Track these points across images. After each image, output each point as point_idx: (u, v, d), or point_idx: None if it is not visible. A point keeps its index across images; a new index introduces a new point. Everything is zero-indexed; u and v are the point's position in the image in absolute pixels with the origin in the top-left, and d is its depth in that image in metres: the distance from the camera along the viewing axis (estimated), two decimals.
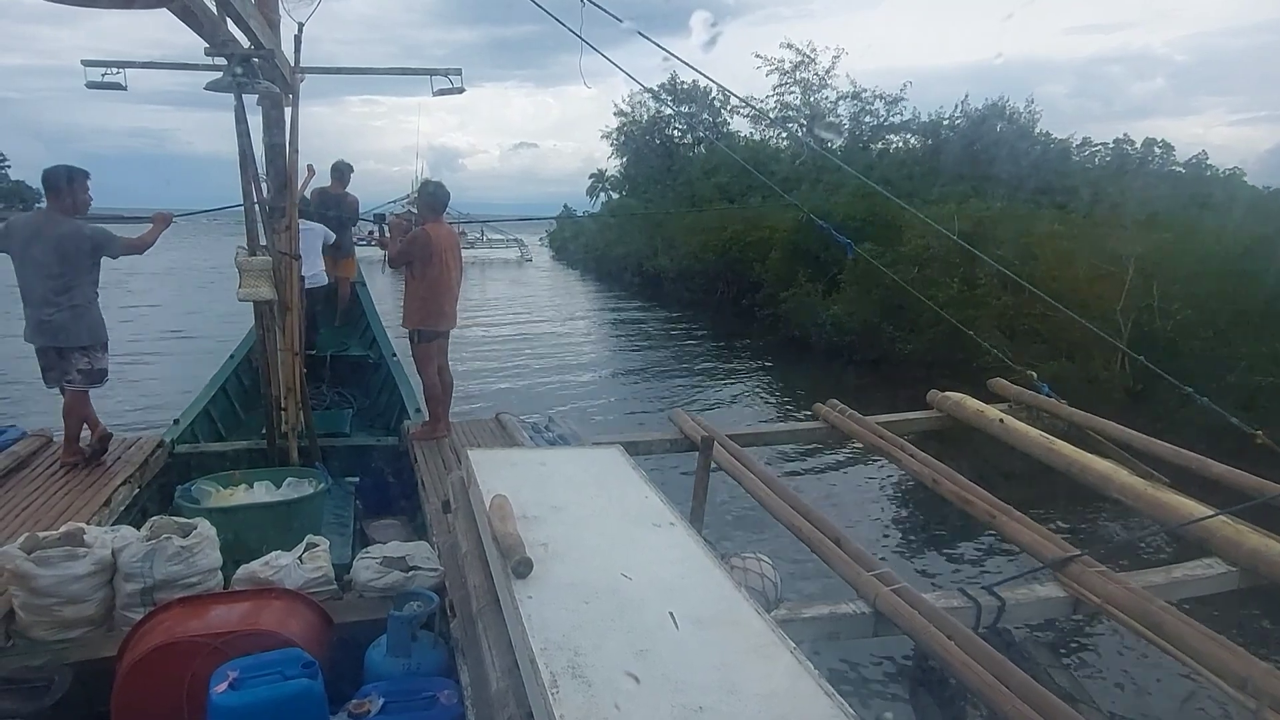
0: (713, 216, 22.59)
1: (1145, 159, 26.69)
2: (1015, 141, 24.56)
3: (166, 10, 3.47)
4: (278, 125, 4.99)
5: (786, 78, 30.63)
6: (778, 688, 1.89)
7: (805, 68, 30.34)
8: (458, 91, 6.60)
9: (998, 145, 24.08)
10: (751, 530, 5.96)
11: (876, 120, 29.56)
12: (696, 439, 5.18)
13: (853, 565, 3.59)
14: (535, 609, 2.13)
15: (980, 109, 26.34)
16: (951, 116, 26.80)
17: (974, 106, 26.44)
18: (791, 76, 30.58)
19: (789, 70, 30.46)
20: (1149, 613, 3.20)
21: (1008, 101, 26.51)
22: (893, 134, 29.18)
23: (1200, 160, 26.04)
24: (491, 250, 40.24)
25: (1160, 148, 27.19)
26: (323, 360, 7.23)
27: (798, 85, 30.66)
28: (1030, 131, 25.92)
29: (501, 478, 3.00)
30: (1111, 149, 26.84)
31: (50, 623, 3.14)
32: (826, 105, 30.27)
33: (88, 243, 4.50)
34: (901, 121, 28.83)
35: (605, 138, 37.75)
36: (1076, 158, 25.61)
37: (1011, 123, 26.07)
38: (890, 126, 29.20)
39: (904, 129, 28.78)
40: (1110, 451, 4.84)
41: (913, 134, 28.41)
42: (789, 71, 30.49)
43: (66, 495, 4.36)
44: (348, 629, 3.15)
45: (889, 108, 29.24)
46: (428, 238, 5.40)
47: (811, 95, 30.45)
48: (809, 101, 30.44)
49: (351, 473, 5.44)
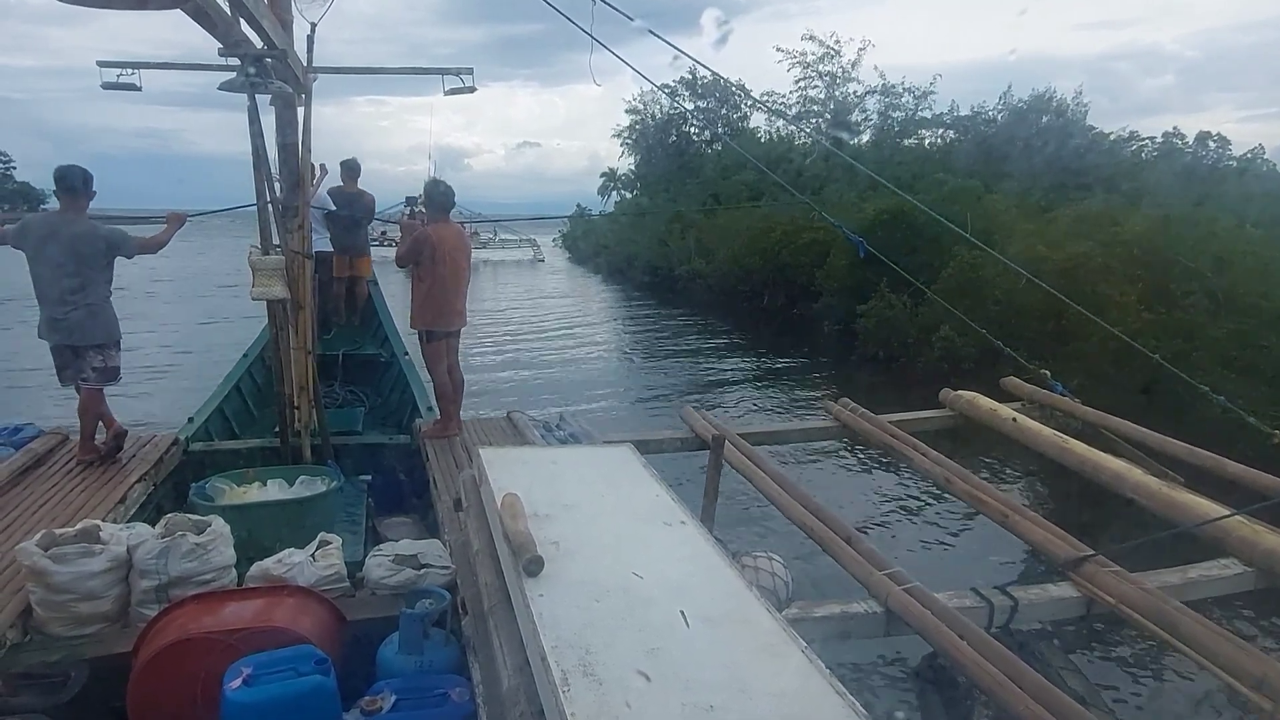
0: (755, 216, 20.21)
1: (1199, 154, 25.37)
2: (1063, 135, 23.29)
3: (176, 10, 3.48)
4: (290, 125, 5.01)
5: (809, 71, 29.63)
6: (788, 687, 1.89)
7: (829, 60, 29.34)
8: (469, 91, 6.61)
9: (1044, 138, 22.92)
10: (762, 529, 5.95)
11: (904, 114, 28.45)
12: (707, 437, 5.18)
13: (864, 564, 3.58)
14: (546, 607, 2.14)
15: (1024, 101, 25.17)
16: (995, 107, 25.75)
17: (1018, 98, 25.29)
18: (815, 70, 29.58)
19: (812, 63, 29.47)
20: (1164, 613, 3.18)
21: (1055, 93, 25.32)
22: (924, 129, 27.79)
23: (1257, 154, 24.59)
24: (504, 250, 39.80)
25: (1215, 141, 25.90)
26: (335, 359, 7.27)
27: (821, 79, 29.64)
28: (1081, 124, 24.67)
29: (513, 476, 3.01)
30: (1160, 143, 25.55)
31: (67, 619, 3.17)
32: (852, 99, 29.26)
33: (102, 242, 4.53)
34: (934, 116, 27.65)
35: (617, 136, 37.06)
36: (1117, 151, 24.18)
37: (1059, 115, 24.93)
38: (920, 121, 28.00)
39: (937, 123, 27.46)
40: (1124, 451, 4.80)
41: (947, 128, 27.09)
42: (812, 65, 29.50)
43: (82, 492, 4.40)
44: (360, 626, 3.17)
45: (917, 101, 28.21)
46: (433, 238, 5.42)
47: (836, 89, 29.42)
48: (833, 96, 29.41)
49: (364, 471, 5.46)
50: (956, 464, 4.76)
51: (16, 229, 4.61)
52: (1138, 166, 22.58)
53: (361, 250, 8.18)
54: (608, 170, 39.73)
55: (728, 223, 21.56)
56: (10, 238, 4.57)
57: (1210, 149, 25.91)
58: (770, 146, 27.67)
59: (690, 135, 34.19)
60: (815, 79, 29.72)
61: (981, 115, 26.02)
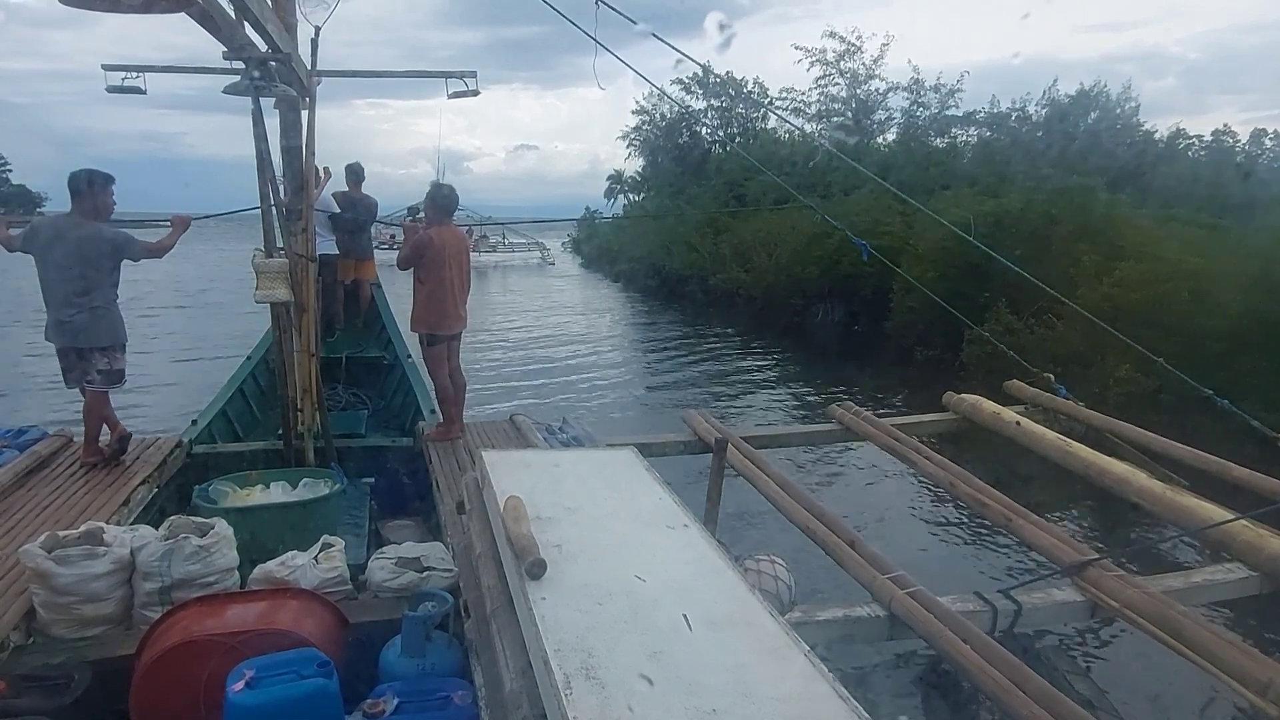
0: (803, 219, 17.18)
1: (1254, 153, 24.42)
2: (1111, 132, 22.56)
3: (181, 13, 3.49)
4: (294, 128, 5.02)
5: (830, 69, 28.41)
6: (792, 690, 1.89)
7: (851, 57, 28.03)
8: (473, 94, 6.62)
9: (1093, 136, 22.11)
10: (765, 532, 5.94)
11: (929, 112, 27.30)
12: (710, 441, 5.17)
13: (867, 568, 3.57)
14: (549, 610, 2.14)
15: (1067, 97, 24.13)
16: (1039, 101, 24.62)
17: (1062, 94, 24.23)
18: (836, 67, 28.34)
19: (833, 61, 28.21)
20: (1168, 618, 3.17)
21: (1105, 88, 24.15)
22: (957, 127, 26.46)
23: None
24: (513, 254, 39.19)
25: (1271, 139, 24.96)
26: (338, 361, 7.28)
27: (843, 76, 28.41)
28: (1131, 122, 23.80)
29: (516, 479, 3.01)
30: (1209, 143, 24.67)
31: (70, 621, 3.17)
32: (875, 97, 28.31)
33: (108, 245, 4.55)
34: (966, 114, 26.38)
35: (623, 138, 36.14)
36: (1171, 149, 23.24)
37: (1106, 113, 23.96)
38: (948, 119, 26.76)
39: (969, 121, 26.21)
40: (1128, 454, 4.79)
41: (981, 126, 25.82)
42: (832, 62, 28.24)
43: (86, 494, 4.41)
44: (363, 629, 3.17)
45: (943, 100, 27.01)
46: (433, 241, 5.42)
47: (859, 87, 28.34)
48: (855, 94, 28.39)
49: (367, 473, 5.46)
50: (960, 467, 4.75)
51: (25, 232, 4.64)
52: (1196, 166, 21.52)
53: (365, 254, 8.21)
54: (614, 173, 39.03)
55: (766, 226, 19.10)
56: (18, 241, 4.60)
57: (1266, 147, 25.04)
58: (795, 147, 25.94)
59: (702, 135, 33.03)
60: (836, 76, 28.68)
61: (1015, 113, 24.95)
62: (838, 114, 28.50)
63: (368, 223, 8.25)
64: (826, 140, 26.56)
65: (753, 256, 19.20)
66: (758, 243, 19.11)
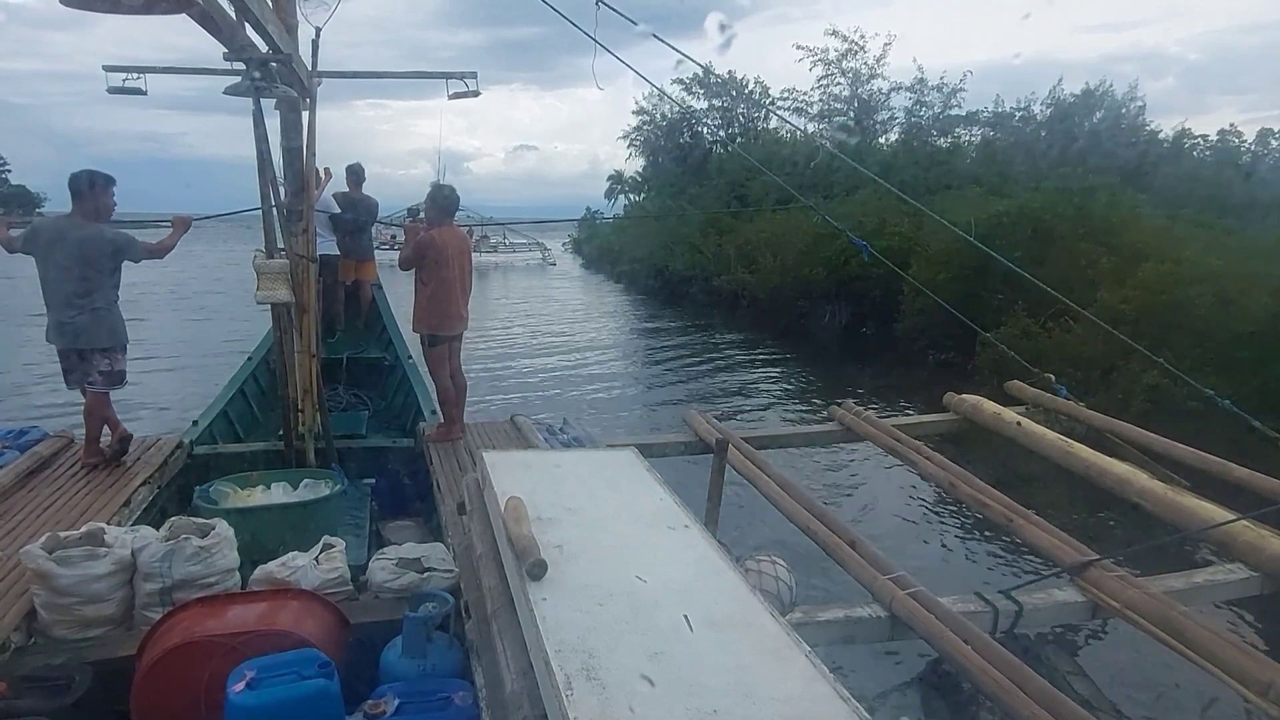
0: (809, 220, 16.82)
1: (1260, 153, 23.97)
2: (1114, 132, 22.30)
3: (181, 14, 3.50)
4: (295, 129, 5.02)
5: (832, 68, 28.03)
6: (793, 691, 1.89)
7: (853, 56, 27.66)
8: (473, 95, 6.63)
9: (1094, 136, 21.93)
10: (766, 533, 5.94)
11: (932, 111, 26.86)
12: (711, 441, 5.18)
13: (868, 568, 3.57)
14: (550, 611, 2.14)
15: (1072, 97, 23.87)
16: (1044, 101, 24.37)
17: (1067, 93, 23.99)
18: (838, 67, 27.94)
19: (834, 60, 27.85)
20: (1169, 618, 3.17)
21: (1110, 87, 23.96)
22: (960, 127, 26.11)
23: None
24: (514, 254, 39.05)
25: (1277, 140, 24.44)
26: (339, 362, 7.28)
27: (845, 76, 28.03)
28: (1137, 122, 23.55)
29: (516, 480, 3.01)
30: (1215, 143, 24.19)
31: (71, 621, 3.17)
32: (878, 96, 28.00)
33: (109, 246, 4.55)
34: (969, 114, 25.99)
35: (623, 138, 35.90)
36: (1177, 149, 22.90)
37: (1111, 112, 23.76)
38: (951, 119, 26.36)
39: (972, 121, 25.87)
40: (1129, 455, 4.80)
41: (985, 126, 25.55)
42: (834, 62, 27.86)
43: (87, 495, 4.41)
44: (363, 630, 3.17)
45: (946, 99, 26.53)
46: (434, 242, 5.42)
47: (860, 87, 28.05)
48: (857, 94, 28.10)
49: (367, 474, 5.46)
50: (960, 468, 4.75)
51: (25, 233, 4.64)
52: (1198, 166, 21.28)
53: (366, 254, 8.21)
54: (614, 173, 38.83)
55: (770, 227, 18.89)
56: (19, 242, 4.60)
57: (1272, 147, 24.54)
58: (797, 147, 25.62)
59: (703, 135, 32.77)
60: (838, 76, 28.40)
61: (1020, 112, 24.75)
62: (840, 114, 28.21)
63: (368, 223, 8.26)
64: (828, 140, 26.46)
65: (757, 257, 18.91)
66: (762, 243, 18.83)
